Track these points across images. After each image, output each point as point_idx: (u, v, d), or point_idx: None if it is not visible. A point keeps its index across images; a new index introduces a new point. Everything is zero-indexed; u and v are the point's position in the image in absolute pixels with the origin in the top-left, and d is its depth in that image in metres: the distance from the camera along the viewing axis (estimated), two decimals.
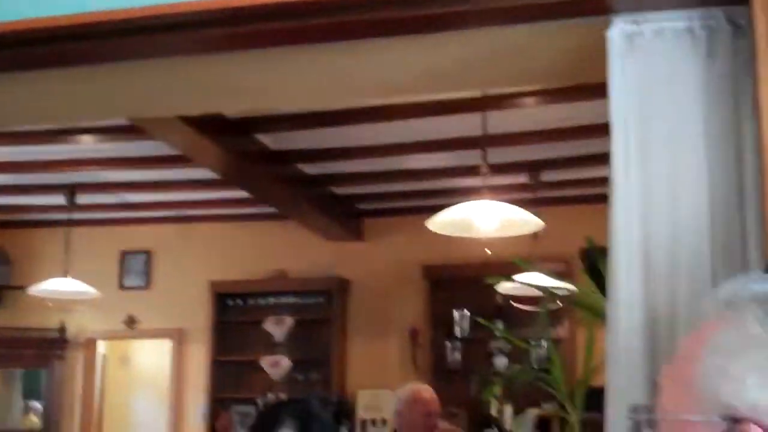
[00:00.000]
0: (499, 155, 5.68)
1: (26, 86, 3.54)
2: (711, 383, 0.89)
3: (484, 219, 4.64)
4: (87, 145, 6.20)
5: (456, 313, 7.69)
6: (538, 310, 5.29)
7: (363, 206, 7.94)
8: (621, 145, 2.48)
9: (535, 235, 5.55)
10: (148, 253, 8.60)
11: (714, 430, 0.87)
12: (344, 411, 7.75)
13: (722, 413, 0.86)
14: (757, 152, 2.38)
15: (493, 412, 7.06)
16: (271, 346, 7.99)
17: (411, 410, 4.47)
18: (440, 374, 7.48)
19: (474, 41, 3.03)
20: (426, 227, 4.78)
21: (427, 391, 4.60)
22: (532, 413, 4.90)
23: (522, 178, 6.52)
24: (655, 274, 2.47)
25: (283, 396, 7.73)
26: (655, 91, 2.47)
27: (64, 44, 3.08)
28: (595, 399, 3.18)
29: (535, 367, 6.56)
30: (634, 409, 0.95)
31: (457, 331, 7.70)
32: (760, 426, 0.84)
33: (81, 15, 2.92)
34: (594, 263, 3.67)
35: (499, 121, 5.23)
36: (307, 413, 2.19)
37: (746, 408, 0.85)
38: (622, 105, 2.50)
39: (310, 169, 6.75)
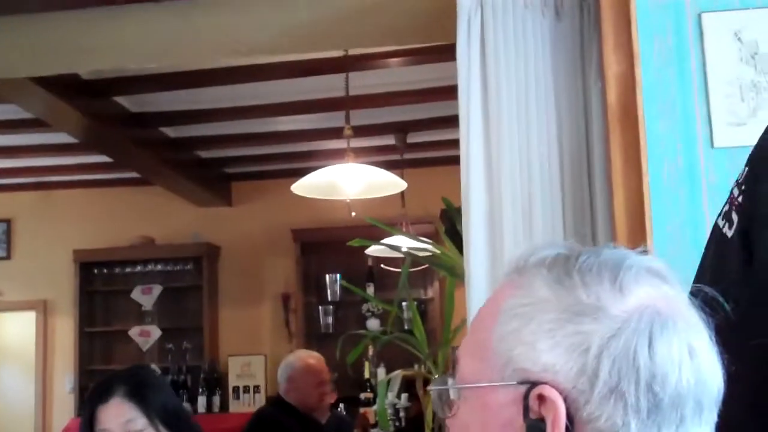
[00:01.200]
0: (364, 117, 5.67)
1: None
2: (505, 348, 0.89)
3: (349, 181, 4.62)
4: None
5: (327, 277, 7.69)
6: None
7: (230, 170, 7.83)
8: (467, 107, 2.49)
9: (402, 197, 5.58)
10: (7, 222, 8.28)
11: (512, 396, 0.87)
12: (215, 379, 7.69)
13: (519, 378, 0.87)
14: (604, 111, 2.42)
15: (367, 374, 7.11)
16: (140, 315, 7.85)
17: (303, 379, 4.43)
18: (313, 338, 7.49)
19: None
20: (292, 190, 4.74)
21: (318, 360, 4.57)
22: (398, 374, 4.93)
23: (387, 140, 6.53)
24: (507, 234, 2.49)
25: (154, 366, 7.61)
26: (502, 52, 2.48)
27: None
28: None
29: (405, 329, 6.63)
30: (434, 382, 0.95)
31: (329, 295, 7.72)
32: (554, 387, 0.84)
33: None
34: (453, 224, 3.71)
35: (363, 82, 5.21)
36: (140, 381, 2.14)
37: (540, 370, 0.86)
38: (469, 67, 2.50)
39: (173, 132, 6.59)
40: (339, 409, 6.54)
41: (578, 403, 0.84)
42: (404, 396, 6.03)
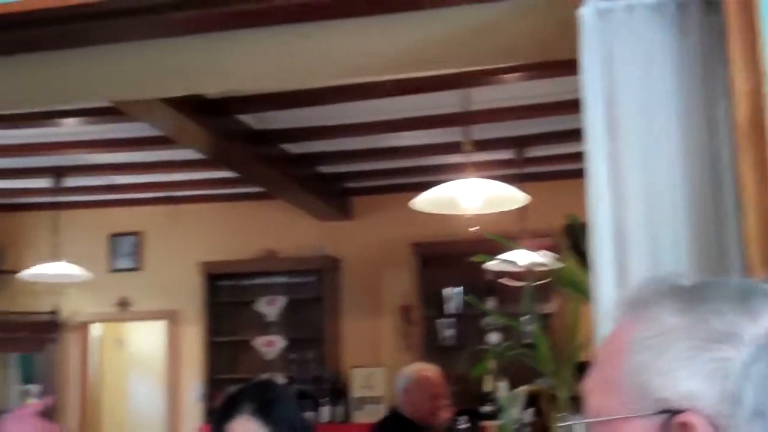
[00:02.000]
0: (483, 131, 5.66)
1: (4, 71, 3.53)
2: (640, 380, 0.90)
3: (469, 196, 4.63)
4: (71, 128, 6.17)
5: (447, 290, 7.69)
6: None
7: (350, 184, 7.92)
8: (592, 123, 2.46)
9: (521, 211, 5.54)
10: (137, 235, 8.59)
11: (650, 426, 0.88)
12: (338, 389, 7.77)
13: (658, 407, 0.88)
14: (731, 129, 2.36)
15: (488, 389, 7.07)
16: (264, 326, 8.00)
17: (418, 391, 4.46)
18: (433, 351, 7.48)
19: (449, 20, 3.01)
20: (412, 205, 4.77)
21: (434, 373, 4.59)
22: (523, 390, 4.89)
23: (506, 154, 6.51)
24: (632, 251, 2.46)
25: (278, 376, 7.76)
26: (626, 68, 2.45)
27: (42, 29, 3.07)
28: (585, 373, 3.18)
29: (526, 343, 6.56)
30: (563, 417, 0.97)
31: (449, 308, 7.71)
32: (697, 413, 0.86)
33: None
34: (576, 240, 3.66)
35: (482, 97, 5.20)
36: (267, 397, 2.16)
37: (680, 398, 0.87)
38: (593, 82, 2.48)
39: (295, 148, 6.72)
40: (458, 423, 6.53)
41: (722, 427, 0.86)
42: (529, 411, 5.96)
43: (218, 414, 2.17)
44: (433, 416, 4.49)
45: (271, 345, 7.93)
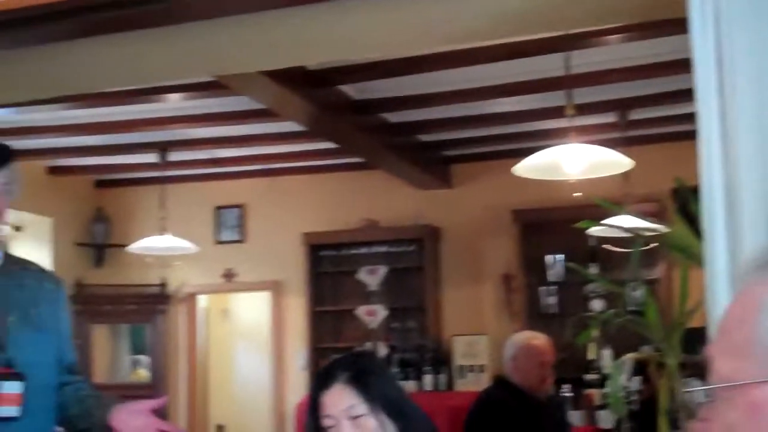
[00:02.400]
0: (585, 95, 5.56)
1: (111, 49, 3.62)
2: None
3: (572, 161, 4.57)
4: (175, 103, 6.30)
5: (549, 258, 7.63)
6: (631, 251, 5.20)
7: (450, 152, 7.90)
8: (703, 84, 2.39)
9: (625, 176, 5.45)
10: (241, 207, 8.75)
11: None
12: (441, 358, 7.80)
13: None
14: None
15: (592, 356, 7.01)
16: (366, 295, 8.06)
17: (527, 359, 4.46)
18: (535, 319, 7.44)
19: None
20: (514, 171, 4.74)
21: (543, 341, 4.57)
22: (630, 357, 4.82)
23: (609, 118, 6.39)
24: (745, 214, 2.39)
25: (381, 345, 7.83)
26: (737, 27, 2.37)
27: (146, 6, 3.13)
28: (693, 340, 3.11)
29: (632, 309, 6.47)
30: (689, 384, 0.96)
31: (551, 276, 7.65)
32: None
33: None
34: (685, 204, 3.58)
35: (584, 60, 5.11)
36: (362, 367, 2.16)
37: None
38: (703, 41, 2.41)
39: (395, 117, 6.73)
40: (562, 390, 6.50)
41: None
42: (636, 379, 5.89)
43: (314, 384, 2.19)
44: (541, 384, 4.49)
45: (372, 314, 7.98)
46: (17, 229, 4.86)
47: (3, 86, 4.23)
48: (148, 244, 7.38)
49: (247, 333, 10.23)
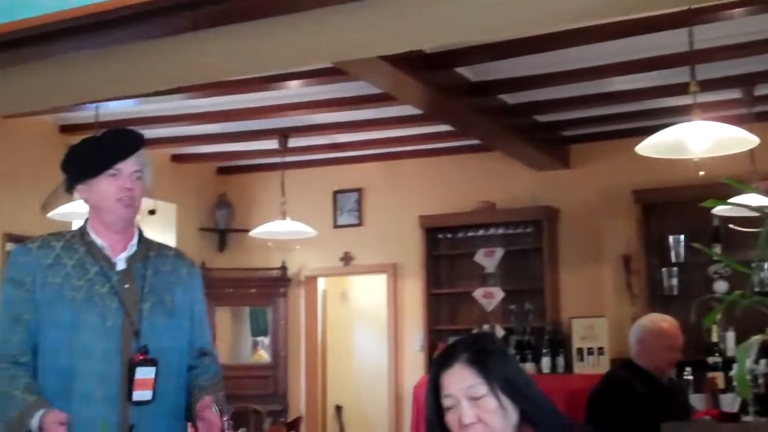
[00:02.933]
0: (709, 71, 5.43)
1: (234, 39, 3.71)
2: None
3: (696, 139, 4.47)
4: (295, 90, 6.42)
5: (671, 238, 7.48)
6: (759, 231, 5.06)
7: (568, 133, 7.81)
8: None
9: (751, 153, 5.30)
10: (359, 191, 8.85)
11: None
12: (559, 340, 7.74)
13: None
14: None
15: (715, 338, 6.85)
16: (482, 277, 8.06)
17: (655, 342, 4.42)
18: (656, 301, 7.33)
19: None
20: (634, 150, 4.67)
21: (671, 324, 4.52)
22: (756, 339, 4.70)
23: (734, 94, 6.22)
24: None
25: (498, 327, 7.82)
26: None
27: None
28: None
29: (758, 290, 6.30)
30: None
31: (672, 256, 7.50)
32: None
33: None
34: None
35: (707, 35, 4.99)
36: (483, 348, 2.16)
37: None
38: None
39: (512, 98, 6.70)
40: (684, 374, 6.37)
41: None
42: (762, 362, 5.74)
43: (435, 363, 2.20)
44: (668, 368, 4.44)
45: (489, 296, 7.97)
46: (151, 212, 5.03)
47: (130, 78, 4.38)
48: (269, 228, 7.53)
49: (364, 315, 10.36)
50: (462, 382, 2.10)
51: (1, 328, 2.72)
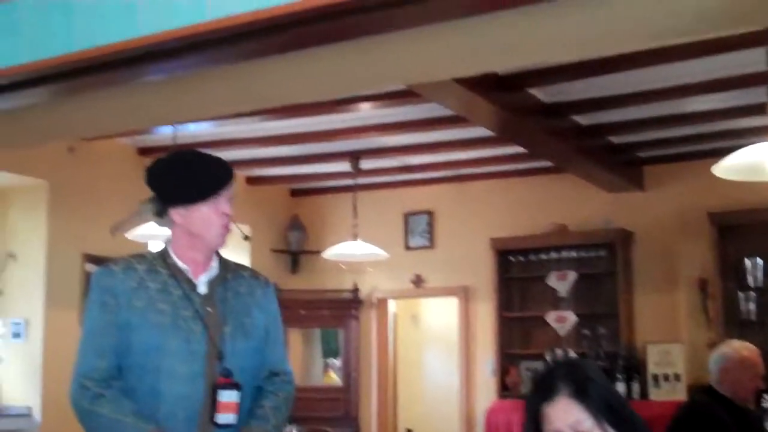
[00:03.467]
0: None
1: (311, 63, 3.76)
2: None
3: None
4: (366, 112, 6.47)
5: (748, 261, 7.32)
6: None
7: (642, 154, 7.73)
8: None
9: None
10: (430, 213, 8.85)
11: None
12: (633, 366, 7.62)
13: None
14: None
15: None
16: (555, 301, 7.99)
17: (739, 370, 4.36)
18: (733, 326, 7.17)
19: None
20: (710, 172, 4.60)
21: (752, 352, 4.46)
22: None
23: None
24: None
25: (570, 352, 7.73)
26: None
27: (342, 19, 3.23)
28: None
29: None
30: None
31: (750, 280, 7.34)
32: None
33: None
34: None
35: None
36: (583, 377, 2.08)
37: None
38: None
39: (585, 119, 6.66)
40: (763, 401, 6.22)
41: None
42: None
43: (533, 395, 2.13)
44: (752, 395, 4.37)
45: (562, 320, 7.90)
46: (246, 238, 5.09)
47: (209, 101, 4.47)
48: (341, 250, 7.58)
49: (435, 338, 10.33)
50: (568, 417, 2.04)
51: (89, 351, 2.74)
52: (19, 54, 3.86)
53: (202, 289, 2.80)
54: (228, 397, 2.70)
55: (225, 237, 2.82)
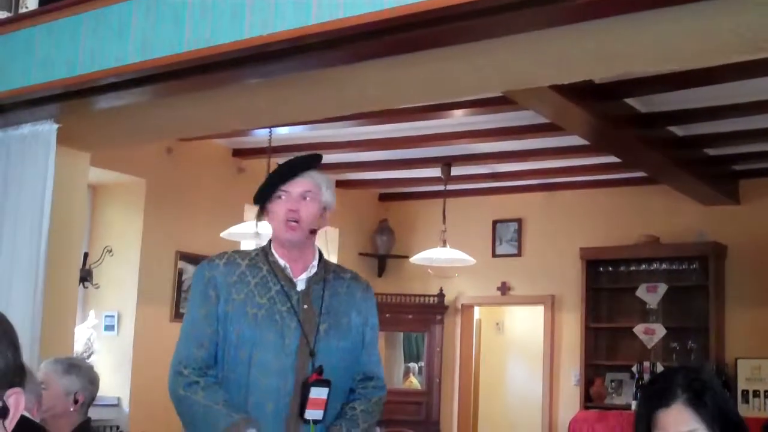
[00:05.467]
0: None
1: (410, 67, 3.80)
2: None
3: None
4: (459, 119, 6.48)
5: None
6: None
7: (738, 167, 7.58)
8: None
9: None
10: (519, 221, 8.82)
11: None
12: (722, 381, 7.48)
13: None
14: None
15: None
16: (644, 313, 7.89)
17: None
18: None
19: None
20: None
21: None
22: None
23: None
24: None
25: (658, 365, 7.62)
26: None
27: (439, 26, 3.26)
28: None
29: None
30: None
31: None
32: None
33: None
34: None
35: None
36: (700, 385, 2.05)
37: None
38: None
39: (682, 130, 6.57)
40: None
41: None
42: None
43: (648, 400, 2.10)
44: None
45: (650, 332, 7.81)
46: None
47: (307, 105, 4.54)
48: (429, 255, 7.60)
49: (519, 347, 10.28)
50: (682, 425, 2.02)
51: (188, 340, 2.83)
52: (129, 55, 4.00)
53: (301, 285, 2.86)
54: (318, 393, 2.74)
55: (292, 233, 2.84)
